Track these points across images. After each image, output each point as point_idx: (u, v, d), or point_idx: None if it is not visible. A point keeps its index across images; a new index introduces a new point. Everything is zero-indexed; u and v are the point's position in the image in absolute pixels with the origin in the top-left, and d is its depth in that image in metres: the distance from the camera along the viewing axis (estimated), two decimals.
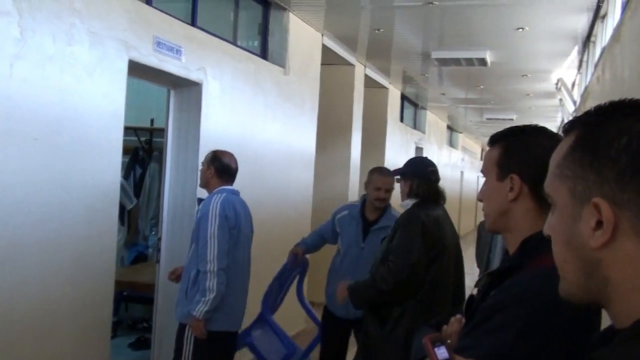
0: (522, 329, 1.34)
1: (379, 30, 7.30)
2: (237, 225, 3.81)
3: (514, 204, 1.51)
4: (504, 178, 1.52)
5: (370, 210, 4.35)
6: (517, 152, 1.53)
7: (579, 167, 0.86)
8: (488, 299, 1.46)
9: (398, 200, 3.83)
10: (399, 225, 3.57)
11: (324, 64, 7.66)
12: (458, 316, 1.60)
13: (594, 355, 0.83)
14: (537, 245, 1.44)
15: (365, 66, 9.29)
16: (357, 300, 3.71)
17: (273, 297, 4.57)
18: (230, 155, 4.03)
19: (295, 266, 4.65)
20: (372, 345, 3.56)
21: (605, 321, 1.05)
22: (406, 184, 3.67)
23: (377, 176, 4.27)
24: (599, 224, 0.82)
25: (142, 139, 6.96)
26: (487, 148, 1.66)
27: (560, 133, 0.95)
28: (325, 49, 7.65)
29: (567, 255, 0.89)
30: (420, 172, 3.66)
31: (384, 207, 4.32)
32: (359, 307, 3.79)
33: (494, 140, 1.60)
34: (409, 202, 3.64)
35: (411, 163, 3.86)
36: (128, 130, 5.42)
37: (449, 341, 1.55)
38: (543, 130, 1.57)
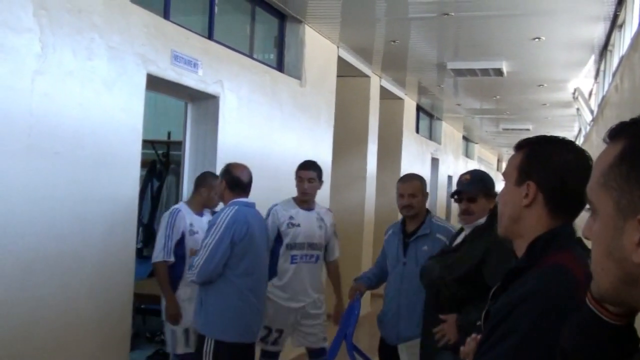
0: (530, 328, 1.36)
1: (394, 41, 7.31)
2: (247, 236, 3.79)
3: (527, 210, 1.53)
4: (522, 183, 1.54)
5: (407, 222, 4.06)
6: (538, 160, 1.55)
7: (624, 180, 0.85)
8: (497, 302, 1.48)
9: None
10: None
11: (339, 75, 7.69)
12: (473, 335, 1.61)
13: (632, 358, 0.86)
14: (544, 246, 1.47)
15: (380, 77, 9.30)
16: None
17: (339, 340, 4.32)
18: (243, 168, 4.02)
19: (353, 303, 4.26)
20: None
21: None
22: (482, 202, 3.16)
23: (399, 184, 4.09)
24: None
25: (160, 152, 7.00)
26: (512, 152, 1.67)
27: (605, 137, 0.94)
28: (341, 61, 7.67)
29: (607, 264, 0.89)
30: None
31: (423, 215, 4.02)
32: None
33: (520, 145, 1.62)
34: (480, 221, 3.15)
35: (482, 179, 3.34)
36: (145, 143, 5.46)
37: None
38: (569, 144, 1.58)
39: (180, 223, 4.40)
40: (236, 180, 3.92)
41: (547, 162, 1.54)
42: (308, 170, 4.60)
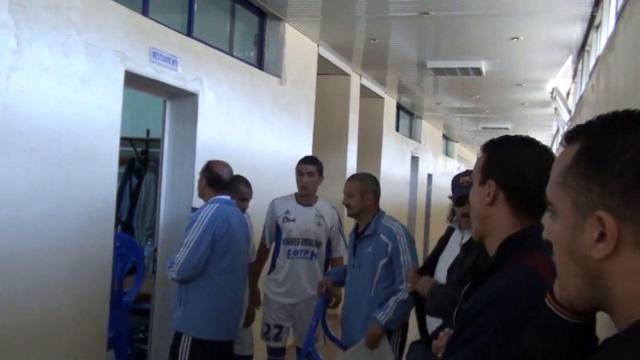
0: (497, 330, 1.38)
1: (374, 40, 7.33)
2: (228, 234, 3.81)
3: (491, 208, 1.56)
4: (484, 183, 1.58)
5: (358, 222, 3.99)
6: (498, 159, 1.60)
7: (582, 179, 0.87)
8: (467, 302, 1.50)
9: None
10: None
11: (319, 73, 7.69)
12: (446, 330, 1.63)
13: (592, 357, 0.86)
14: (514, 246, 1.50)
15: (361, 76, 9.32)
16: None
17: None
18: (224, 165, 4.05)
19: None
20: None
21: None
22: None
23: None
24: (602, 236, 0.84)
25: (138, 149, 6.95)
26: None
27: (562, 140, 0.96)
28: (321, 59, 7.68)
29: (570, 264, 0.90)
30: None
31: (371, 215, 3.89)
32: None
33: (484, 147, 1.67)
34: None
35: None
36: (124, 140, 5.42)
37: (439, 355, 1.58)
38: (528, 141, 1.62)
39: None
40: (217, 177, 3.94)
41: (505, 160, 1.58)
42: (307, 164, 4.62)
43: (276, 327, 4.59)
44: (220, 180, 3.95)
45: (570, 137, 0.93)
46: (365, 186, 3.92)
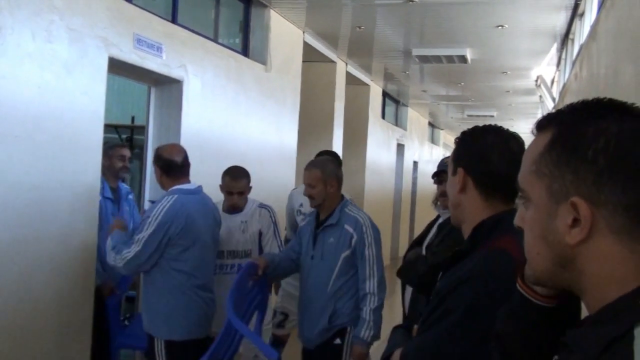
0: (468, 307, 1.43)
1: (360, 27, 7.32)
2: (185, 230, 3.47)
3: (462, 196, 1.62)
4: (455, 172, 1.64)
5: (320, 210, 3.65)
6: (465, 148, 1.65)
7: (555, 166, 0.89)
8: (439, 282, 1.54)
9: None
10: None
11: (305, 61, 7.68)
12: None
13: (563, 337, 0.88)
14: (487, 231, 1.55)
15: (346, 63, 9.31)
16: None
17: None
18: (172, 147, 3.75)
19: (253, 287, 3.56)
20: None
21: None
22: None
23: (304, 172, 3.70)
24: (575, 221, 0.86)
25: (123, 136, 6.94)
26: None
27: (533, 129, 0.98)
28: (307, 46, 7.66)
29: (541, 248, 0.92)
30: None
31: (335, 203, 3.59)
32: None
33: (455, 139, 1.72)
34: None
35: None
36: (109, 127, 5.40)
37: None
38: (493, 129, 1.67)
39: None
40: (169, 163, 3.59)
41: (470, 147, 1.64)
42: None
43: (282, 315, 4.46)
44: (174, 166, 3.59)
45: (542, 125, 0.95)
46: (327, 173, 3.58)
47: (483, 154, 1.60)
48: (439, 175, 3.22)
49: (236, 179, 4.08)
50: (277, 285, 4.62)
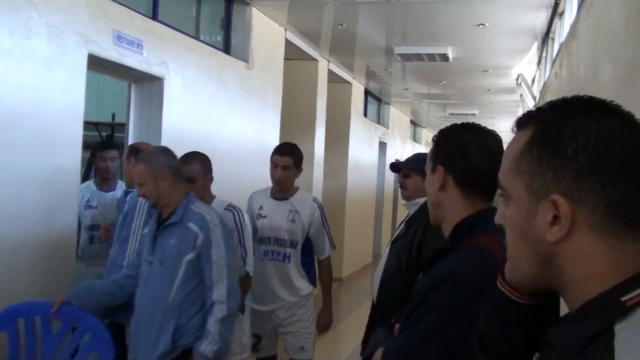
0: (451, 306, 1.43)
1: (342, 25, 7.32)
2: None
3: (442, 194, 1.62)
4: (434, 170, 1.64)
5: (162, 208, 3.14)
6: (444, 146, 1.66)
7: (536, 164, 0.88)
8: (421, 281, 1.54)
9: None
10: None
11: (287, 59, 7.66)
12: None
13: (545, 335, 0.88)
14: (468, 229, 1.55)
15: (328, 61, 9.31)
16: None
17: None
18: (147, 145, 3.83)
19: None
20: None
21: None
22: (417, 180, 2.99)
23: None
24: (556, 219, 0.86)
25: (104, 134, 6.88)
26: None
27: (513, 127, 0.98)
28: (289, 44, 7.65)
29: (522, 246, 0.92)
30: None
31: (176, 199, 3.04)
32: None
33: (433, 138, 1.73)
34: (420, 201, 2.83)
35: (419, 159, 3.10)
36: (89, 125, 5.36)
37: None
38: (472, 127, 1.68)
39: None
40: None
41: (450, 145, 1.65)
42: (284, 156, 3.97)
43: (254, 337, 3.97)
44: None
45: (521, 123, 0.95)
46: (155, 166, 3.00)
47: (463, 151, 1.60)
48: (395, 168, 3.24)
49: (185, 163, 3.38)
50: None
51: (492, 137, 1.63)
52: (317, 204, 4.11)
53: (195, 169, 3.47)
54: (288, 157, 3.97)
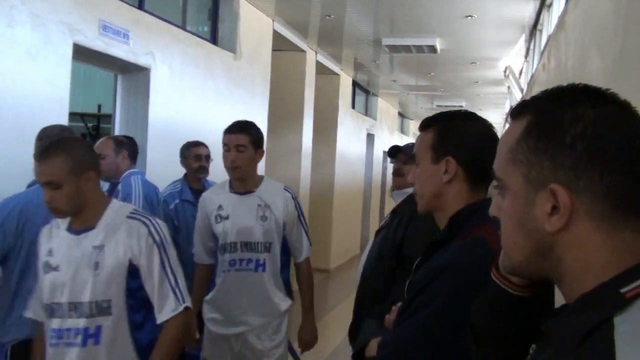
0: (449, 297, 1.41)
1: (330, 16, 7.29)
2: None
3: (447, 186, 1.56)
4: (439, 161, 1.57)
5: None
6: (452, 135, 1.58)
7: (533, 153, 0.87)
8: (418, 273, 1.52)
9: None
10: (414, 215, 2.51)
11: (275, 50, 7.62)
12: (399, 304, 1.64)
13: (541, 326, 0.87)
14: (466, 219, 1.52)
15: (316, 52, 9.28)
16: None
17: None
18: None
19: None
20: None
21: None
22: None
23: None
24: (554, 208, 0.84)
25: (90, 125, 6.82)
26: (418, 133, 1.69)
27: (508, 116, 0.96)
28: (277, 35, 7.61)
29: (519, 237, 0.90)
30: None
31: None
32: None
33: (427, 124, 1.65)
34: (409, 190, 2.58)
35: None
36: (75, 116, 5.30)
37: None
38: (473, 116, 1.63)
39: None
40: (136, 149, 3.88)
41: (460, 136, 1.57)
42: (235, 134, 3.25)
43: None
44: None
45: (517, 112, 0.93)
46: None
47: (475, 143, 1.54)
48: (396, 156, 3.06)
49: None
50: (200, 325, 3.33)
51: (492, 126, 1.60)
52: (290, 193, 3.28)
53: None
54: (242, 135, 3.23)
